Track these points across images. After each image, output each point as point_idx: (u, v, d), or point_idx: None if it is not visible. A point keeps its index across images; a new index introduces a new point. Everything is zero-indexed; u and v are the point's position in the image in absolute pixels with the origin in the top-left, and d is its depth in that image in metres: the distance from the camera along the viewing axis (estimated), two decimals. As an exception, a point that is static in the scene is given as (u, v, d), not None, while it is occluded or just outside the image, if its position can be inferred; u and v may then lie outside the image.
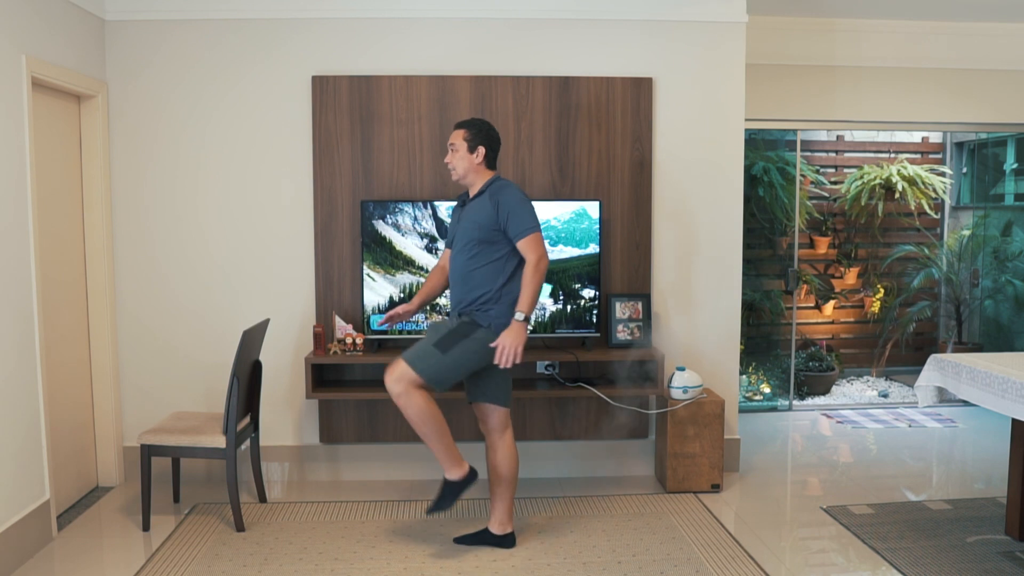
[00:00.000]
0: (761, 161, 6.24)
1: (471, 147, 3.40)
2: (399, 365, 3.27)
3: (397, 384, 3.24)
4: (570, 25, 4.35)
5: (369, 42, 4.31)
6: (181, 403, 4.39)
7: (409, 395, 3.24)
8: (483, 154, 3.41)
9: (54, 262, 3.88)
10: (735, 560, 3.41)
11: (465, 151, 3.40)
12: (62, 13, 3.85)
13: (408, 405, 3.25)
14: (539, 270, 3.30)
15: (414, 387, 3.24)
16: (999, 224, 6.59)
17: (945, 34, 5.44)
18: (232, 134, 4.32)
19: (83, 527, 3.81)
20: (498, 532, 3.52)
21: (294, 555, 3.46)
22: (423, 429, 3.29)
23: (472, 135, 3.40)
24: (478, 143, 3.40)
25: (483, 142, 3.40)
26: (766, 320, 6.57)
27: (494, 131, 3.47)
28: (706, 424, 4.19)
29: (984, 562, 3.35)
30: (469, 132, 3.41)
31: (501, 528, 3.52)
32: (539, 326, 4.22)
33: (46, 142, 3.82)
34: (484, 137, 3.41)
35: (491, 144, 3.43)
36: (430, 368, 3.25)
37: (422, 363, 3.26)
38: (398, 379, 3.25)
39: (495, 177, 3.44)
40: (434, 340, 3.31)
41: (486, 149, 3.41)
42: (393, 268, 4.19)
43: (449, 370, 3.28)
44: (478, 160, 3.41)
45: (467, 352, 3.30)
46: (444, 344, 3.28)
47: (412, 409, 3.25)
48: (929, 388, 3.64)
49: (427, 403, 3.26)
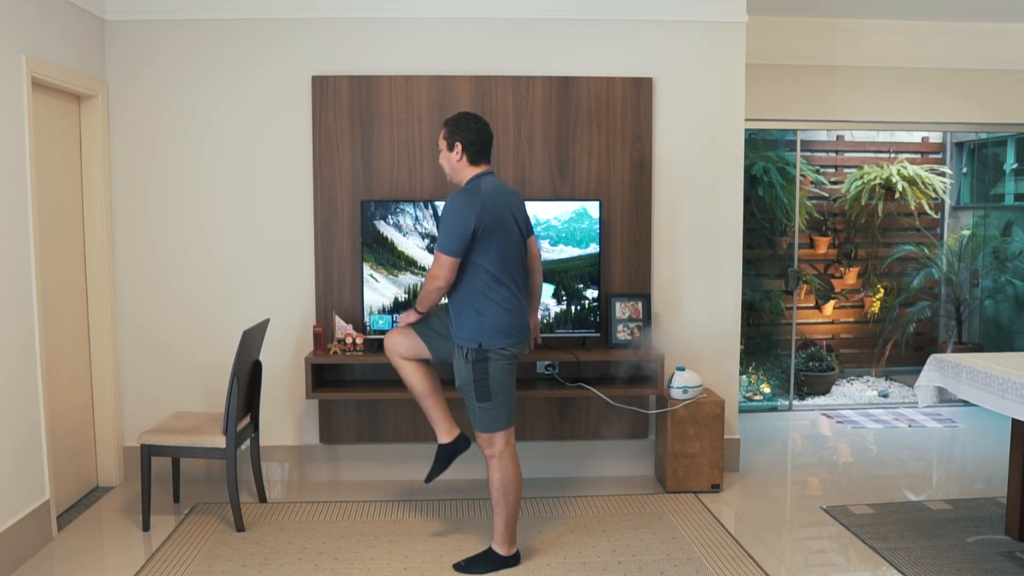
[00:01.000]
0: (761, 161, 6.24)
1: (449, 145, 3.29)
2: (482, 437, 3.30)
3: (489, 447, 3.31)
4: (570, 25, 4.35)
5: (369, 42, 4.31)
6: (181, 403, 4.39)
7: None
8: (461, 150, 3.26)
9: (54, 262, 3.88)
10: (735, 560, 3.41)
11: (446, 150, 3.31)
12: (62, 13, 3.85)
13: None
14: (427, 286, 3.28)
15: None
16: (999, 224, 6.59)
17: (945, 34, 5.44)
18: (232, 134, 4.32)
19: (83, 527, 3.81)
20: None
21: (294, 555, 3.46)
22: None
23: (449, 132, 3.28)
24: (455, 139, 3.26)
25: (459, 138, 3.25)
26: (766, 320, 6.57)
27: (474, 123, 3.28)
28: (706, 424, 4.19)
29: (984, 562, 3.35)
30: (447, 130, 3.30)
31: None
32: (541, 326, 4.22)
33: (46, 142, 3.81)
34: (461, 132, 3.26)
35: (468, 138, 3.25)
36: (498, 419, 3.27)
37: (491, 420, 3.27)
38: (488, 443, 3.30)
39: (476, 176, 3.27)
40: (473, 399, 3.28)
41: (463, 144, 3.25)
42: (396, 269, 4.19)
43: (504, 406, 3.28)
44: (457, 158, 3.28)
45: (495, 382, 3.25)
46: (481, 395, 3.26)
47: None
48: (929, 388, 3.64)
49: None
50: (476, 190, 3.22)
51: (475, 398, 3.27)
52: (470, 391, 3.28)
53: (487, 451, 3.30)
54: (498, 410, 3.26)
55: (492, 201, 3.21)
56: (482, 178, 3.27)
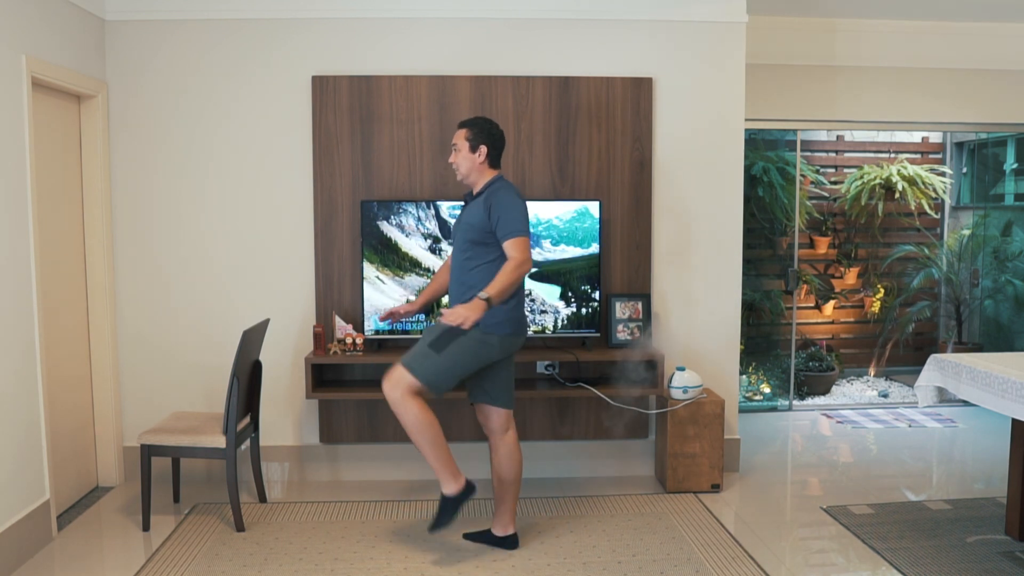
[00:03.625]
0: (761, 161, 6.24)
1: (473, 146, 3.38)
2: (396, 369, 3.26)
3: (394, 389, 3.23)
4: (570, 25, 4.35)
5: (369, 42, 4.31)
6: (181, 403, 4.39)
7: (406, 402, 3.21)
8: (485, 153, 3.38)
9: (54, 262, 3.88)
10: (735, 560, 3.41)
11: (467, 151, 3.38)
12: (62, 13, 3.85)
13: (405, 412, 3.23)
14: (519, 270, 3.24)
15: (410, 393, 3.22)
16: (999, 224, 6.59)
17: (945, 34, 5.44)
18: (232, 134, 4.32)
19: (83, 527, 3.81)
20: (499, 534, 3.51)
21: (294, 555, 3.46)
22: (419, 438, 3.25)
23: (474, 134, 3.38)
24: (480, 142, 3.38)
25: (485, 141, 3.38)
26: (766, 320, 6.57)
27: (497, 129, 3.42)
28: (706, 424, 4.19)
29: (984, 562, 3.35)
30: (471, 131, 3.39)
31: (503, 530, 3.51)
32: (548, 328, 4.22)
33: (46, 142, 3.81)
34: (486, 136, 3.38)
35: (493, 143, 3.40)
36: (426, 370, 3.23)
37: (418, 365, 3.24)
38: (395, 384, 3.23)
39: (496, 177, 3.41)
40: (428, 340, 3.29)
41: (488, 148, 3.38)
42: (401, 270, 4.18)
43: (446, 371, 3.26)
44: (480, 159, 3.38)
45: (462, 352, 3.26)
46: (438, 344, 3.25)
47: (408, 416, 3.22)
48: (929, 388, 3.64)
49: (423, 411, 3.23)
50: (511, 186, 3.42)
51: (429, 342, 3.26)
52: (433, 335, 3.28)
53: (392, 392, 3.22)
54: (437, 365, 3.22)
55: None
56: (501, 179, 3.43)
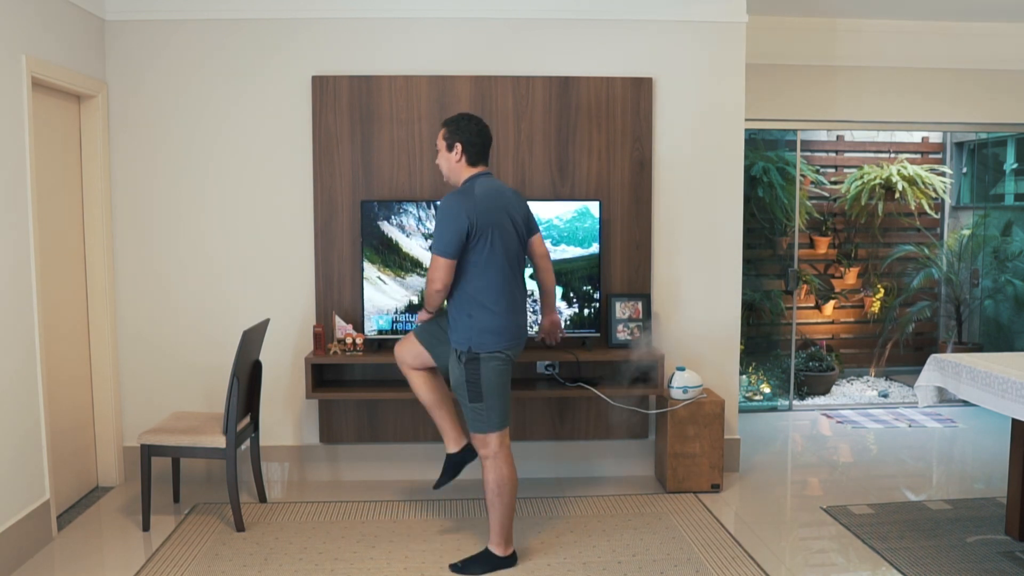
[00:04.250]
0: (761, 161, 6.24)
1: (449, 145, 3.29)
2: (475, 439, 3.31)
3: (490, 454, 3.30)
4: (570, 25, 4.35)
5: (369, 42, 4.31)
6: (181, 403, 4.39)
7: (500, 454, 3.28)
8: (460, 151, 3.26)
9: (54, 262, 3.88)
10: (735, 560, 3.41)
11: (445, 150, 3.30)
12: (62, 13, 3.85)
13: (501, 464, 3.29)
14: (426, 288, 3.25)
15: (506, 446, 3.29)
16: (999, 224, 6.59)
17: (945, 34, 5.44)
18: (232, 134, 4.32)
19: (83, 527, 3.81)
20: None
21: (294, 555, 3.46)
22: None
23: (449, 132, 3.27)
24: (455, 140, 3.26)
25: (459, 138, 3.25)
26: (766, 320, 6.57)
27: (475, 124, 3.27)
28: (706, 424, 4.19)
29: (984, 562, 3.35)
30: (447, 130, 3.29)
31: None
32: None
33: (46, 142, 3.81)
34: (461, 133, 3.25)
35: (468, 139, 3.25)
36: (491, 421, 3.25)
37: (483, 422, 3.26)
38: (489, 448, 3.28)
39: (471, 177, 3.27)
40: (465, 401, 3.28)
41: (463, 145, 3.25)
42: (402, 270, 4.18)
43: (498, 408, 3.26)
44: (456, 158, 3.28)
45: (490, 384, 3.23)
46: (473, 395, 3.24)
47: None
48: (929, 388, 3.64)
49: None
50: (470, 191, 3.22)
51: (467, 398, 3.26)
52: (463, 391, 3.27)
53: (481, 451, 3.30)
54: (490, 412, 3.25)
55: (487, 202, 3.20)
56: (477, 179, 3.26)
